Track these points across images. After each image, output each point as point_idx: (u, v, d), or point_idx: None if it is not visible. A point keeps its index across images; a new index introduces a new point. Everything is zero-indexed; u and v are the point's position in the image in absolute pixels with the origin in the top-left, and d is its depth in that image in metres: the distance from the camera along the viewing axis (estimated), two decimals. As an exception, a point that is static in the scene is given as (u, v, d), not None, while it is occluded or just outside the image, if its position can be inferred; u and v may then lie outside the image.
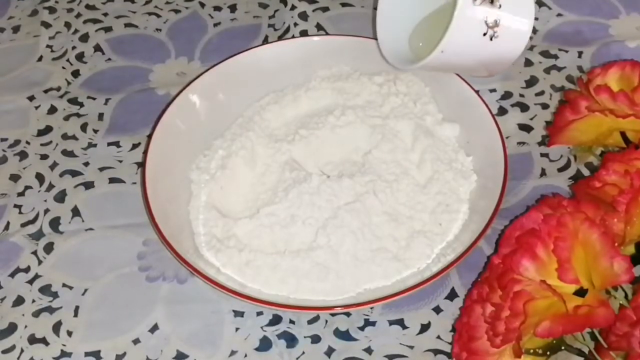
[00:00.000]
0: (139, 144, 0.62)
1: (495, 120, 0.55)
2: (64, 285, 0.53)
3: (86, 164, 0.61)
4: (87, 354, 0.50)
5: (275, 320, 0.51)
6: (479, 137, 0.56)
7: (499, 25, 0.53)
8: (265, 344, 0.50)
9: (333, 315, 0.51)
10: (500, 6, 0.52)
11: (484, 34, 0.53)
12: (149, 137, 0.56)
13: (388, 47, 0.59)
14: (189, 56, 0.69)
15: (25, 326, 0.51)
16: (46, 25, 0.73)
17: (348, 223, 0.51)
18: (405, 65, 0.57)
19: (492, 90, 0.63)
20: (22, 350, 0.50)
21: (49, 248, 0.55)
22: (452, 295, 0.51)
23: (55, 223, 0.57)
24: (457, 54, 0.53)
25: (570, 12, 0.70)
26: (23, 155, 0.62)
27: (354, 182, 0.54)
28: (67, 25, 0.73)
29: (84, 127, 0.63)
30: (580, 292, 0.41)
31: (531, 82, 0.64)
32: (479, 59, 0.55)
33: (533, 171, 0.58)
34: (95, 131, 0.63)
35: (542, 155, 0.59)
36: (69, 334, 0.51)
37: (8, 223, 0.57)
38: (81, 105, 0.65)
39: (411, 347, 0.49)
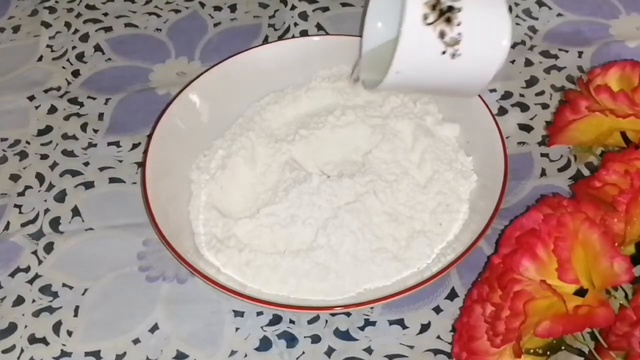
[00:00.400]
0: (139, 144, 0.62)
1: (495, 120, 0.55)
2: (64, 285, 0.53)
3: (86, 163, 0.61)
4: (87, 354, 0.50)
5: (275, 320, 0.51)
6: (479, 137, 0.56)
7: (460, 42, 0.47)
8: (265, 344, 0.50)
9: (333, 315, 0.51)
10: (459, 23, 0.47)
11: (443, 52, 0.47)
12: (149, 137, 0.56)
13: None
14: (189, 56, 0.69)
15: (25, 326, 0.51)
16: (46, 25, 0.73)
17: (348, 223, 0.51)
18: (368, 88, 0.55)
19: (492, 90, 0.63)
20: (22, 350, 0.50)
21: (49, 248, 0.55)
22: (452, 295, 0.51)
23: (55, 223, 0.57)
24: (416, 75, 0.49)
25: (570, 12, 0.70)
26: (23, 155, 0.62)
27: (354, 182, 0.54)
28: (67, 25, 0.73)
29: (84, 127, 0.63)
30: (580, 292, 0.41)
31: (531, 82, 0.64)
32: (445, 78, 0.50)
33: (533, 171, 0.58)
34: (95, 131, 0.63)
35: (542, 155, 0.59)
36: (69, 333, 0.51)
37: (8, 223, 0.57)
38: (81, 105, 0.65)
39: (411, 347, 0.49)
